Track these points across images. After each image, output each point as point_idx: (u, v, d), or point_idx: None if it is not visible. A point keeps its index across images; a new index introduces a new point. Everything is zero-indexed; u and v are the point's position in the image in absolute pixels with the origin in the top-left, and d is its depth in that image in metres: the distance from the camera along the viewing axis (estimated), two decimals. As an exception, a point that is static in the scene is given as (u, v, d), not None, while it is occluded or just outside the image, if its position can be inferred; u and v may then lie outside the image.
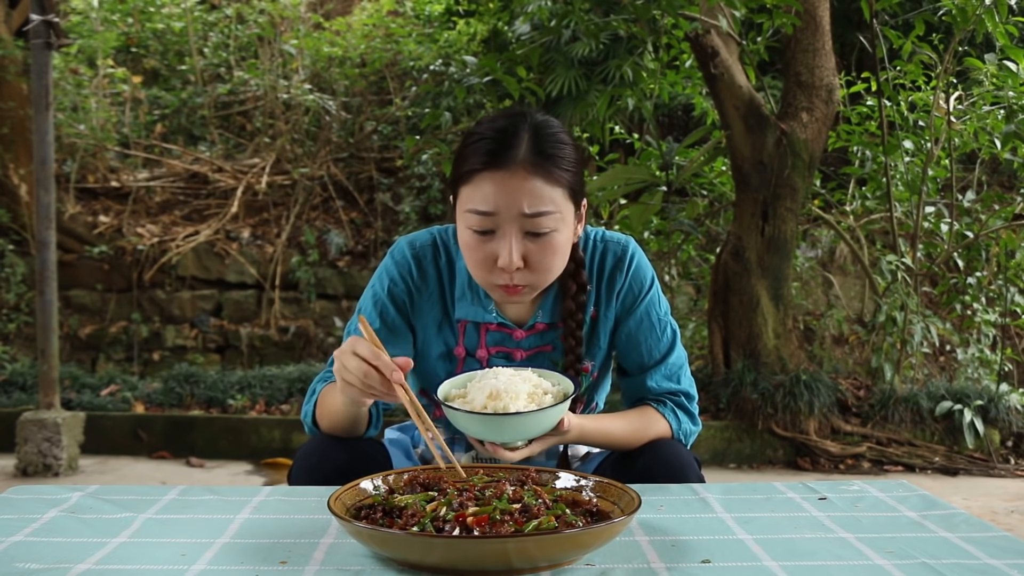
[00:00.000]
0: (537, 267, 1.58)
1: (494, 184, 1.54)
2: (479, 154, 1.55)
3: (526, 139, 1.55)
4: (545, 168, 1.54)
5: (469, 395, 1.53)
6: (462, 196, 1.59)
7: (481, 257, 1.58)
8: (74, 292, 6.43)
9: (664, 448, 1.68)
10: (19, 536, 1.24)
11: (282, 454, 4.98)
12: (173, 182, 7.05)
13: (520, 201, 1.53)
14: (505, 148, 1.54)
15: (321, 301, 6.57)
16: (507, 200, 1.53)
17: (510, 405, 1.47)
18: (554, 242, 1.58)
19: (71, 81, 6.95)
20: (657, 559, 1.14)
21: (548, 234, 1.56)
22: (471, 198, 1.56)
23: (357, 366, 1.40)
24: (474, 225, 1.56)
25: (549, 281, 1.64)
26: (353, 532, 1.13)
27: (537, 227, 1.55)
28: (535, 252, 1.57)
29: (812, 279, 6.43)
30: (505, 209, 1.54)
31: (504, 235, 1.55)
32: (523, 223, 1.55)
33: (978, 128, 5.33)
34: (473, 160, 1.56)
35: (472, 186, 1.56)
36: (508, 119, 1.60)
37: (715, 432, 5.05)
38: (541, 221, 1.55)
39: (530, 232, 1.56)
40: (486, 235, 1.56)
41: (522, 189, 1.53)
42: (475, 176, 1.55)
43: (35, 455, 4.50)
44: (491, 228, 1.56)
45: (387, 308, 1.73)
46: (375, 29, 7.36)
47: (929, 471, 4.90)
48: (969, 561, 1.14)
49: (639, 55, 5.16)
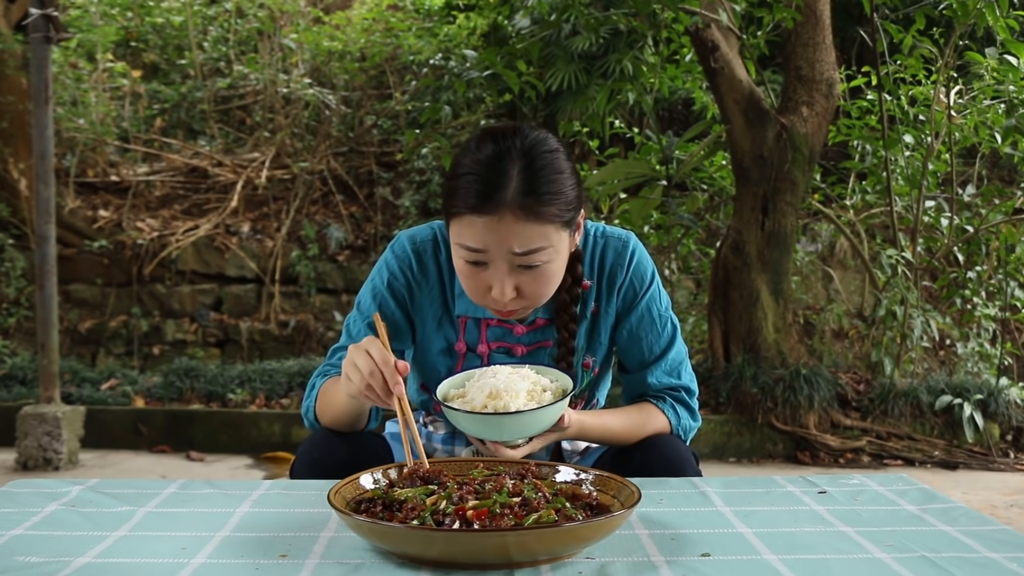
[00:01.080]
0: (531, 296, 1.58)
1: (483, 226, 1.50)
2: (466, 195, 1.51)
3: (514, 176, 1.50)
4: (535, 210, 1.50)
5: (468, 394, 1.53)
6: (453, 228, 1.56)
7: (474, 285, 1.58)
8: (74, 286, 6.43)
9: (661, 444, 1.68)
10: (19, 529, 1.24)
11: (282, 448, 4.98)
12: (173, 176, 7.05)
13: (510, 242, 1.51)
14: (492, 190, 1.49)
15: (321, 295, 6.57)
16: (496, 241, 1.51)
17: (510, 404, 1.47)
18: (547, 272, 1.56)
19: (70, 75, 6.95)
20: (657, 552, 1.14)
21: (540, 266, 1.55)
22: (461, 234, 1.54)
23: (366, 364, 1.40)
24: (465, 257, 1.55)
25: (542, 301, 1.62)
26: (353, 526, 1.13)
27: (529, 261, 1.53)
28: (528, 283, 1.56)
29: (812, 273, 6.42)
30: (495, 249, 1.52)
31: (496, 270, 1.54)
32: (514, 260, 1.53)
33: (978, 122, 5.33)
34: (460, 200, 1.52)
35: (462, 223, 1.53)
36: (495, 146, 1.53)
37: (715, 426, 5.06)
38: (532, 257, 1.53)
39: (522, 265, 1.54)
40: (478, 266, 1.55)
41: (511, 232, 1.50)
42: (464, 216, 1.52)
43: (35, 449, 4.50)
44: (483, 261, 1.54)
45: (387, 301, 1.73)
46: (375, 23, 7.35)
47: (929, 465, 4.90)
48: (968, 554, 1.14)
49: (639, 49, 5.16)
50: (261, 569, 1.08)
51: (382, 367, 1.39)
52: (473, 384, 1.55)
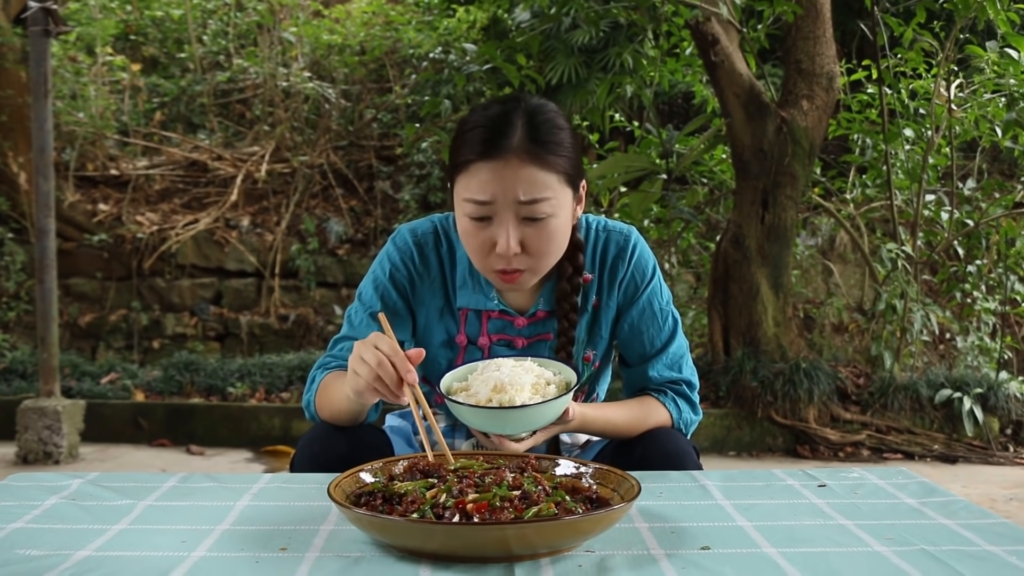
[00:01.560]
0: (535, 252, 1.59)
1: (489, 173, 1.54)
2: (473, 143, 1.56)
3: (520, 126, 1.55)
4: (539, 155, 1.55)
5: (472, 388, 1.53)
6: (459, 185, 1.59)
7: (479, 243, 1.59)
8: (74, 280, 6.43)
9: (662, 437, 1.68)
10: (19, 523, 1.24)
11: (282, 442, 4.98)
12: (172, 170, 7.04)
13: (515, 189, 1.54)
14: (499, 137, 1.54)
15: (321, 289, 6.57)
16: (502, 188, 1.54)
17: (515, 397, 1.47)
18: (551, 227, 1.58)
19: (70, 69, 6.93)
20: (657, 546, 1.14)
21: (545, 219, 1.57)
22: (467, 187, 1.57)
23: (373, 356, 1.38)
24: (471, 213, 1.57)
25: (547, 267, 1.64)
26: (353, 519, 1.13)
27: (533, 213, 1.56)
28: (533, 237, 1.57)
29: (812, 267, 6.42)
30: (501, 197, 1.54)
31: (501, 222, 1.56)
32: (519, 209, 1.55)
33: (979, 116, 5.32)
34: (468, 150, 1.56)
35: (468, 175, 1.56)
36: (502, 105, 1.60)
37: (715, 420, 5.06)
38: (537, 207, 1.55)
39: (527, 218, 1.56)
40: (483, 222, 1.57)
41: (517, 177, 1.54)
42: (470, 166, 1.56)
43: (35, 443, 4.50)
44: (488, 215, 1.56)
45: (389, 292, 1.73)
46: (374, 17, 7.33)
47: (928, 459, 4.91)
48: (968, 548, 1.14)
49: (639, 43, 5.15)
50: (261, 562, 1.08)
51: (392, 357, 1.38)
52: (476, 377, 1.54)
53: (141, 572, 1.04)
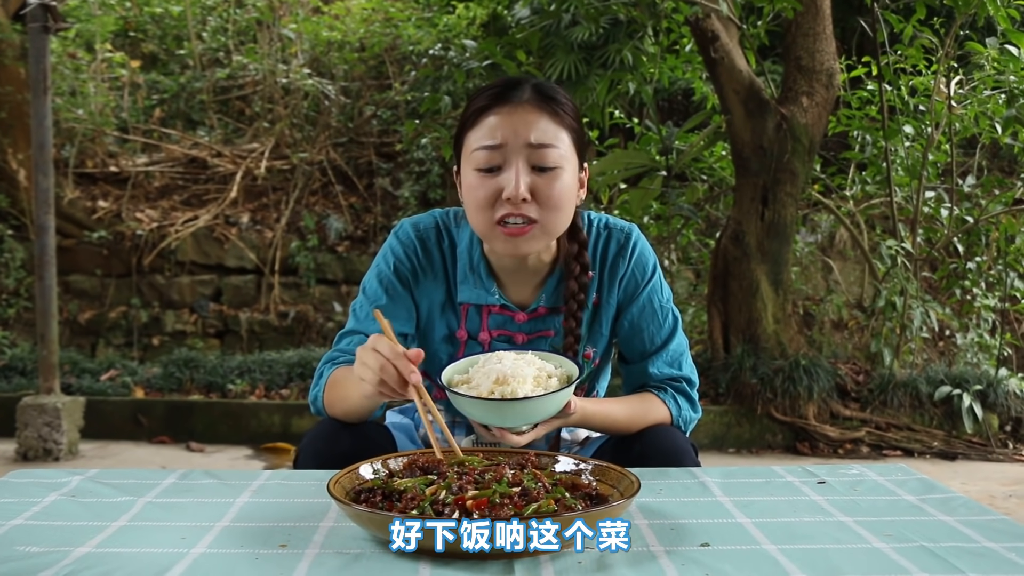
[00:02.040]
0: (545, 202, 1.59)
1: (500, 118, 1.59)
2: (485, 97, 1.61)
3: (529, 86, 1.62)
4: (550, 107, 1.60)
5: (473, 380, 1.52)
6: (469, 141, 1.62)
7: (486, 193, 1.59)
8: (73, 277, 6.43)
9: (660, 434, 1.68)
10: (19, 520, 1.24)
11: (282, 439, 4.99)
12: (172, 167, 7.04)
13: (527, 131, 1.58)
14: (509, 90, 1.61)
15: (320, 286, 6.57)
16: (513, 130, 1.58)
17: (518, 390, 1.47)
18: (560, 179, 1.60)
19: (69, 65, 6.93)
20: (656, 542, 1.14)
21: (554, 170, 1.59)
22: (478, 138, 1.60)
23: (375, 360, 1.39)
24: (481, 163, 1.59)
25: (555, 228, 1.63)
26: (352, 515, 1.13)
27: (543, 160, 1.58)
28: (542, 186, 1.59)
29: (812, 264, 6.42)
30: (512, 139, 1.58)
31: (511, 166, 1.58)
32: (530, 154, 1.58)
33: (979, 113, 5.32)
34: (479, 102, 1.62)
35: (479, 126, 1.61)
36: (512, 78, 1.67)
37: (714, 417, 5.06)
38: (547, 153, 1.58)
39: (537, 166, 1.58)
40: (492, 172, 1.59)
41: (527, 120, 1.58)
42: (482, 115, 1.60)
43: (35, 440, 4.50)
44: (498, 163, 1.59)
45: (393, 284, 1.73)
46: (374, 13, 7.33)
47: (928, 456, 4.91)
48: (967, 544, 1.14)
49: (639, 39, 5.14)
50: (261, 559, 1.09)
51: (393, 360, 1.38)
52: (478, 370, 1.54)
53: (141, 569, 1.04)
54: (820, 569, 1.05)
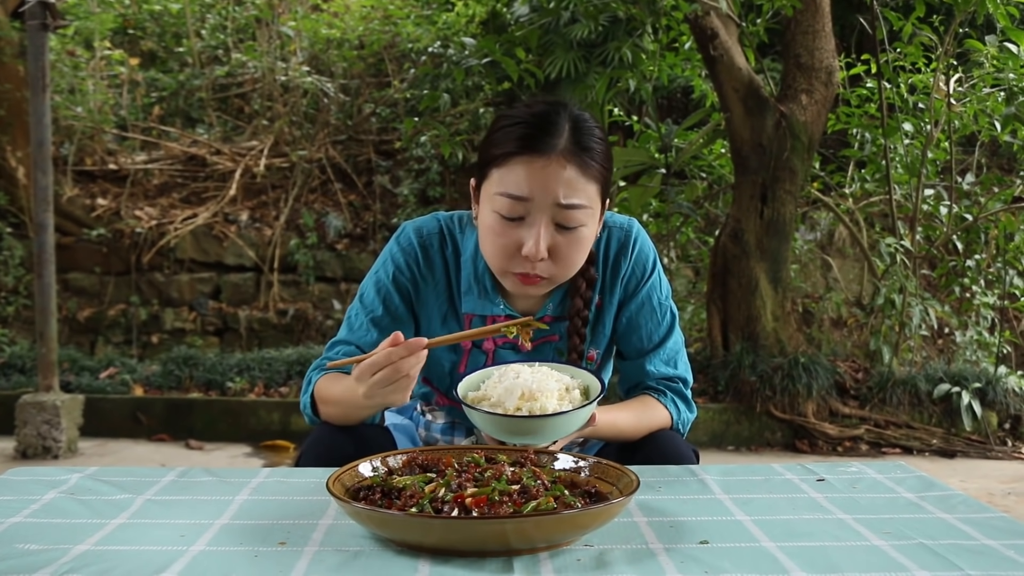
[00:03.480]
0: (561, 260, 1.56)
1: (531, 170, 1.50)
2: (517, 138, 1.51)
3: (566, 128, 1.52)
4: (583, 160, 1.51)
5: (492, 396, 1.48)
6: (493, 178, 1.54)
7: (505, 243, 1.54)
8: (72, 275, 6.42)
9: (662, 440, 1.67)
10: (19, 517, 1.24)
11: (281, 436, 4.99)
12: (171, 165, 7.04)
13: (556, 190, 1.50)
14: (545, 135, 1.50)
15: (320, 284, 6.56)
16: (543, 187, 1.50)
17: (547, 405, 1.43)
18: (581, 237, 1.55)
19: (68, 63, 6.92)
20: (655, 540, 1.14)
21: (577, 228, 1.54)
22: (503, 181, 1.52)
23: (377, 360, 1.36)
24: (503, 210, 1.52)
25: (567, 277, 1.61)
26: (352, 513, 1.13)
27: (568, 219, 1.52)
28: (562, 245, 1.54)
29: (811, 262, 6.42)
30: (540, 196, 1.50)
31: (534, 223, 1.52)
32: (555, 213, 1.51)
33: (978, 110, 5.32)
34: (510, 143, 1.52)
35: (506, 169, 1.52)
36: (547, 105, 1.56)
37: (713, 415, 5.06)
38: (573, 214, 1.52)
39: (560, 224, 1.52)
40: (514, 221, 1.53)
41: (559, 178, 1.50)
42: (511, 159, 1.51)
43: (34, 437, 4.50)
44: (521, 215, 1.52)
45: (391, 295, 1.71)
46: (373, 11, 7.32)
47: (927, 453, 4.91)
48: (966, 542, 1.14)
49: (638, 37, 5.14)
50: (260, 556, 1.09)
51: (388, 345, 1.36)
52: (494, 385, 1.50)
53: (140, 566, 1.04)
54: (819, 566, 1.05)
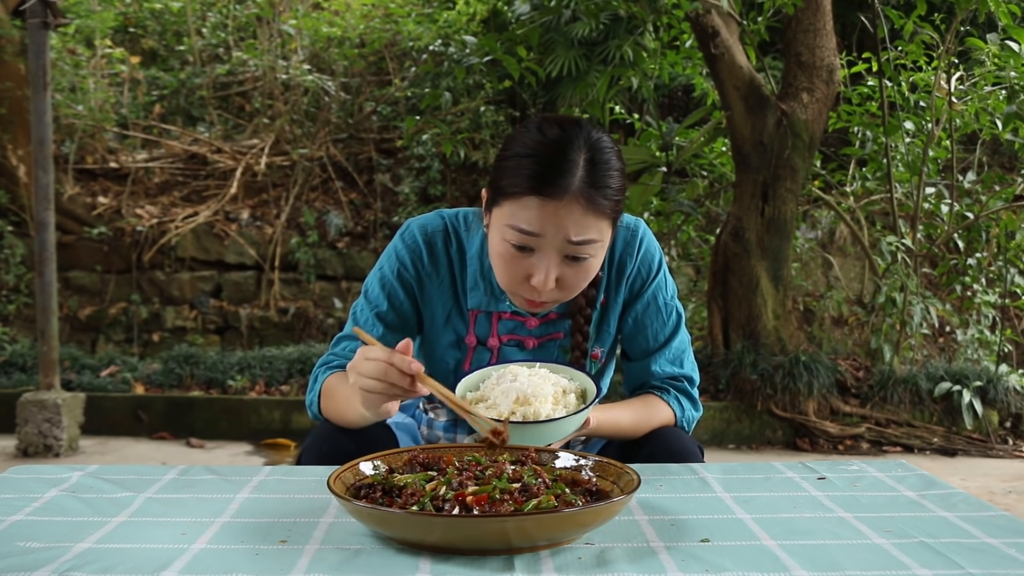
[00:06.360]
0: (568, 288, 1.57)
1: (542, 209, 1.48)
2: (530, 176, 1.49)
3: (581, 166, 1.49)
4: (596, 200, 1.49)
5: (489, 398, 1.49)
6: (504, 208, 1.52)
7: (515, 272, 1.55)
8: (73, 273, 6.43)
9: (667, 437, 1.67)
10: (19, 515, 1.24)
11: (282, 435, 4.99)
12: (172, 163, 7.04)
13: (567, 230, 1.49)
14: (558, 175, 1.48)
15: (320, 282, 6.56)
16: (554, 226, 1.49)
17: (540, 410, 1.44)
18: (590, 267, 1.56)
19: (69, 61, 6.92)
20: (656, 538, 1.14)
21: (586, 260, 1.54)
22: (515, 215, 1.50)
23: (375, 367, 1.34)
24: (514, 240, 1.52)
25: (571, 296, 1.61)
26: (353, 511, 1.13)
27: (578, 252, 1.52)
28: (570, 276, 1.55)
29: (812, 260, 6.42)
30: (552, 234, 1.50)
31: (543, 257, 1.52)
32: (565, 248, 1.51)
33: (979, 109, 5.32)
34: (522, 180, 1.49)
35: (517, 204, 1.50)
36: (562, 132, 1.52)
37: (714, 413, 5.06)
38: (583, 248, 1.52)
39: (569, 256, 1.53)
40: (524, 251, 1.53)
41: (571, 219, 1.49)
42: (523, 197, 1.49)
43: (35, 436, 4.51)
44: (531, 247, 1.52)
45: (395, 291, 1.70)
46: (374, 9, 7.32)
47: (928, 452, 4.91)
48: (967, 540, 1.14)
49: (639, 35, 5.14)
50: (261, 554, 1.09)
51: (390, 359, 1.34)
52: (492, 387, 1.50)
53: (141, 564, 1.04)
54: (820, 565, 1.05)
